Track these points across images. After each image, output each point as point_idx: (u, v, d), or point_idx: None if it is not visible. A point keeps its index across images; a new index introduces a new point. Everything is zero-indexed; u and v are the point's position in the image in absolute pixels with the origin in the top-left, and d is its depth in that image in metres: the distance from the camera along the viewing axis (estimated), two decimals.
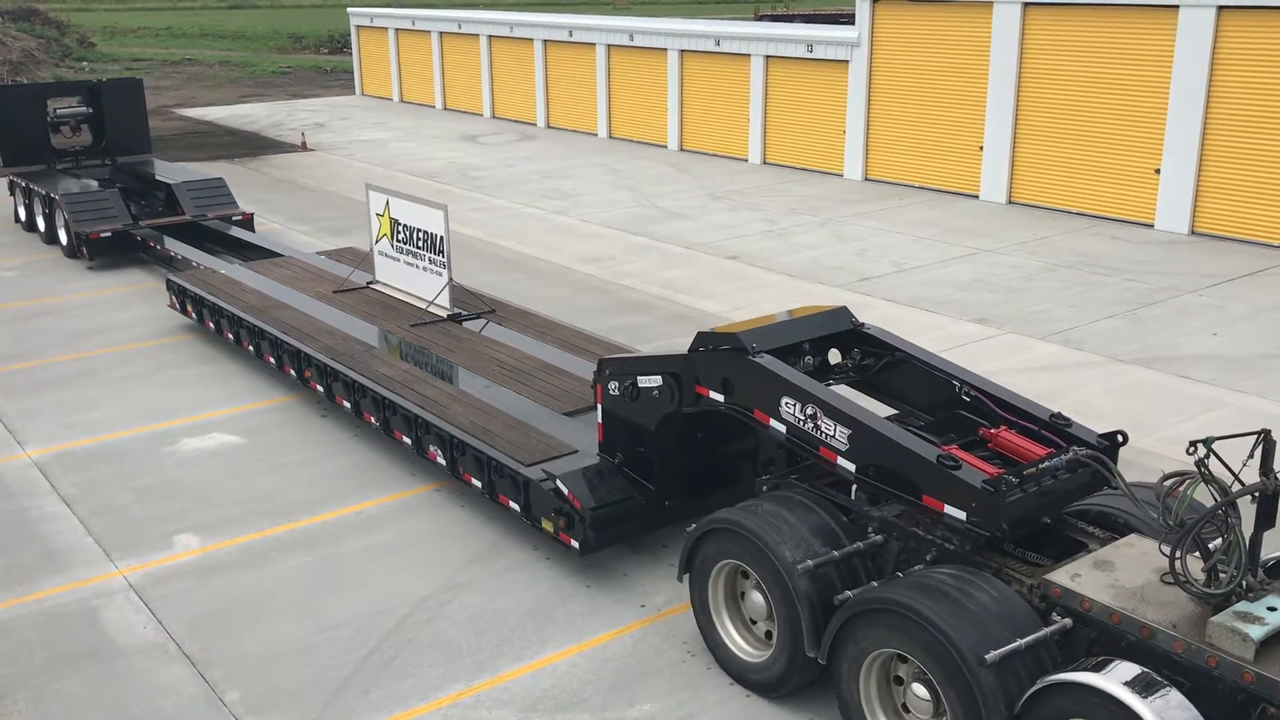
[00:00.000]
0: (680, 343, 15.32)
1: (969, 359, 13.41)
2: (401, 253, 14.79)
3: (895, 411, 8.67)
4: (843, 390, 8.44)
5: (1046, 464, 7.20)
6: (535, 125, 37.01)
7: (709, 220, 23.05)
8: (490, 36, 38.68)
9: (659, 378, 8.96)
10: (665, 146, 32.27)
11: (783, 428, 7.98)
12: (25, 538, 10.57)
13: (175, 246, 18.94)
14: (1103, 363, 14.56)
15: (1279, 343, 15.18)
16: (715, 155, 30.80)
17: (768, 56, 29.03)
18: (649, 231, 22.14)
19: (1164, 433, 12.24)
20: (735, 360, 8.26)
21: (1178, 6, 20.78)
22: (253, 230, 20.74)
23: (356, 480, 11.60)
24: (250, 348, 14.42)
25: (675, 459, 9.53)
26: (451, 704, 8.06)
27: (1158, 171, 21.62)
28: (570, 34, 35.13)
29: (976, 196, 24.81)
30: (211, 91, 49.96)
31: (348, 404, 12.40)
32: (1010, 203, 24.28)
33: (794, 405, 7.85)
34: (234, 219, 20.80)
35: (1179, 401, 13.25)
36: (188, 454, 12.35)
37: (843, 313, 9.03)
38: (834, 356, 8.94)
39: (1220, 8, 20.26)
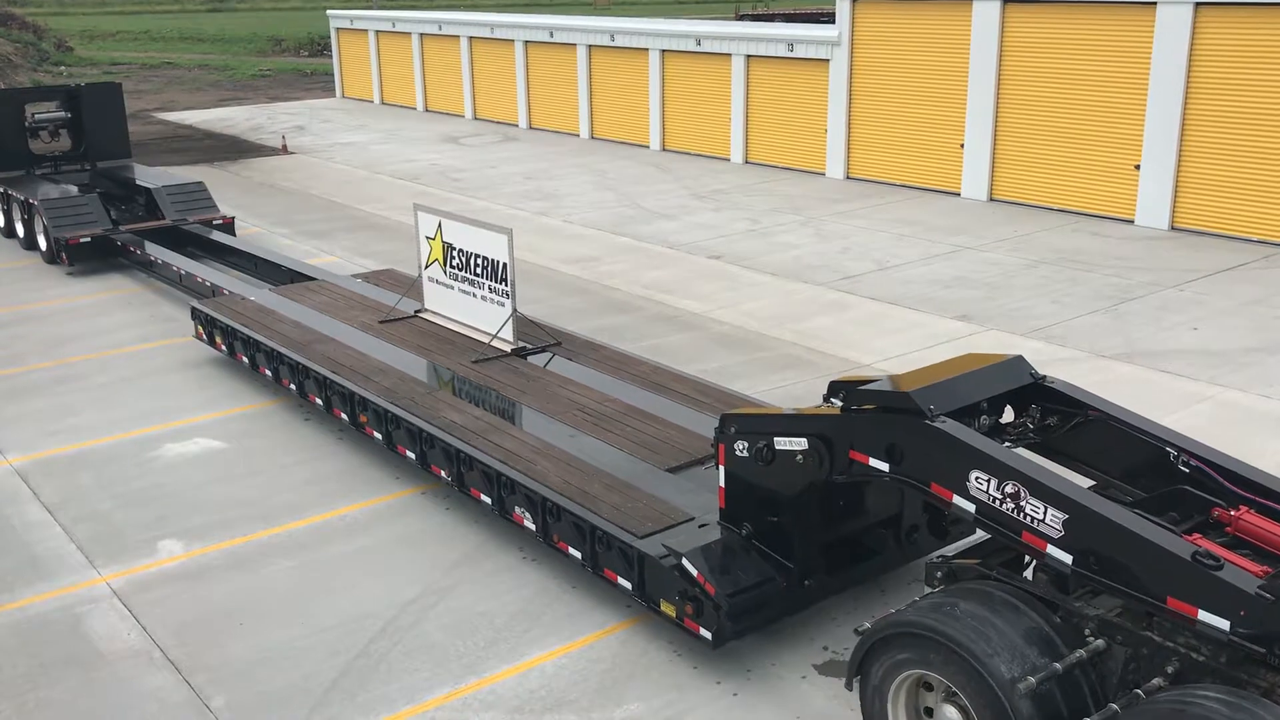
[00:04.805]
0: (668, 343, 15.40)
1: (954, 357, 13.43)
2: (456, 280, 13.56)
3: (1091, 482, 7.47)
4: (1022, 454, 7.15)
5: None
6: (517, 126, 36.98)
7: (692, 220, 23.07)
8: (471, 38, 38.63)
9: (803, 440, 7.69)
10: (647, 147, 32.28)
11: (970, 506, 6.74)
12: (7, 545, 10.50)
13: (156, 251, 18.86)
14: (1085, 358, 14.63)
15: (1259, 336, 15.28)
16: (697, 155, 30.83)
17: (749, 56, 29.08)
18: (632, 232, 22.15)
19: None
20: (908, 425, 7.01)
21: (1155, 3, 20.89)
22: (234, 234, 20.67)
23: (341, 484, 11.57)
24: (292, 386, 13.11)
25: (817, 531, 8.36)
26: (439, 706, 8.04)
27: (1137, 168, 21.74)
28: (551, 35, 35.12)
29: (958, 194, 24.90)
30: (191, 95, 49.76)
31: (411, 454, 11.12)
32: (991, 200, 24.38)
33: (988, 481, 6.62)
34: (215, 223, 20.74)
35: (1161, 396, 13.32)
36: (170, 459, 12.29)
37: (1019, 364, 7.76)
38: (1007, 413, 7.73)
39: (1198, 4, 20.38)
